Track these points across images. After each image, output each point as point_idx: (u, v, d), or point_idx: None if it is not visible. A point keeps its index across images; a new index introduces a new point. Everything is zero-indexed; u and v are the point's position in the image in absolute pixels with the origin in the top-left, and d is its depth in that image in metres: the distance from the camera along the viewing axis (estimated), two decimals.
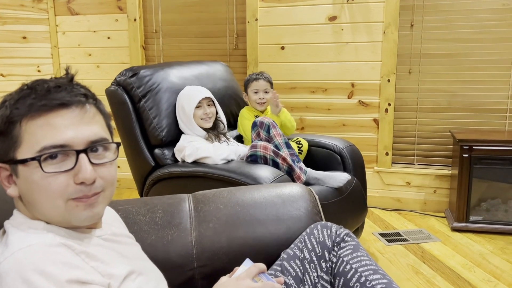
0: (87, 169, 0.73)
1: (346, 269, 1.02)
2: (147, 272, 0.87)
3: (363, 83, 2.96)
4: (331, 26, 2.95)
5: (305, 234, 1.10)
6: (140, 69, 2.09)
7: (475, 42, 2.79)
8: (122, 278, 0.78)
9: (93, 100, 0.80)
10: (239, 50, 3.20)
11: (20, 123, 0.73)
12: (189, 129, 2.05)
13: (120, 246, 0.86)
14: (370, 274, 0.99)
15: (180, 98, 2.09)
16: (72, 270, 0.68)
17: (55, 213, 0.75)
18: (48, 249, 0.69)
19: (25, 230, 0.75)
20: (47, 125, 0.73)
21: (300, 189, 1.26)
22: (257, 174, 1.76)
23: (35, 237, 0.72)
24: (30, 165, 0.73)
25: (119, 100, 2.05)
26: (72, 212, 0.75)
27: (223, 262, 1.10)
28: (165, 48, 3.36)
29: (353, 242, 1.07)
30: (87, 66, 3.47)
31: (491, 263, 2.20)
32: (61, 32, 3.48)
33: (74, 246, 0.73)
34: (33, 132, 0.73)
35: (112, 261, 0.79)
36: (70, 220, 0.76)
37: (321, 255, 1.06)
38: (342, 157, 2.25)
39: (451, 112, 2.89)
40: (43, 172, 0.72)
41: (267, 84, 2.41)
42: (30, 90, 0.75)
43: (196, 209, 1.17)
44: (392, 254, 2.31)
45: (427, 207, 2.96)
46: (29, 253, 0.68)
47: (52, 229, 0.76)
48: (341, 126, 3.04)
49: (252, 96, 2.40)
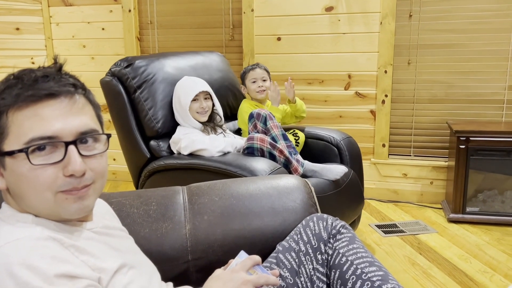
0: (76, 161, 0.72)
1: (342, 262, 1.01)
2: (139, 266, 0.86)
3: (360, 74, 2.94)
4: (328, 17, 2.92)
5: (301, 226, 1.09)
6: (135, 59, 2.06)
7: (473, 33, 2.77)
8: (113, 272, 0.76)
9: (82, 90, 0.78)
10: (235, 41, 3.17)
11: (6, 114, 0.71)
12: (184, 121, 2.03)
13: (112, 239, 0.85)
14: (366, 266, 0.99)
15: (177, 89, 2.06)
16: (61, 264, 0.67)
17: (44, 206, 0.73)
18: (36, 242, 0.68)
19: (13, 223, 0.73)
20: (35, 116, 0.71)
21: (296, 181, 1.24)
22: (254, 166, 1.74)
23: (23, 231, 0.70)
24: (18, 157, 0.71)
25: (114, 91, 2.02)
26: (61, 205, 0.73)
27: (218, 255, 1.09)
28: (161, 40, 3.32)
29: (349, 234, 1.06)
30: (81, 58, 3.43)
31: (487, 254, 2.20)
32: (55, 24, 3.44)
33: (63, 239, 0.72)
34: (20, 123, 0.70)
35: (103, 255, 0.77)
36: (59, 213, 0.74)
37: (317, 247, 1.05)
38: (339, 149, 2.24)
39: (448, 103, 2.88)
40: (30, 164, 0.70)
41: (264, 72, 2.40)
42: (16, 80, 0.73)
43: (190, 201, 1.15)
44: (389, 246, 2.31)
45: (424, 199, 2.96)
46: (16, 247, 0.66)
47: (41, 222, 0.74)
48: (338, 117, 3.02)
49: (251, 86, 2.38)
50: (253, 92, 2.38)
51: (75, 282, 0.67)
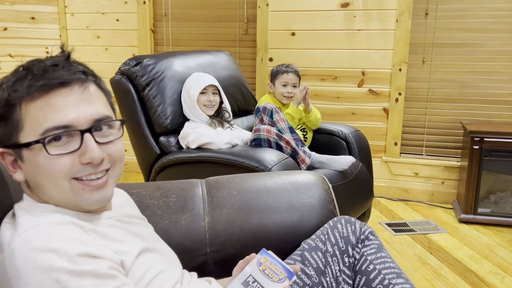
0: (93, 149, 0.71)
1: (369, 269, 1.01)
2: (161, 251, 0.87)
3: (374, 72, 2.93)
4: (343, 13, 2.91)
5: (328, 227, 1.09)
6: (144, 58, 2.09)
7: (489, 32, 2.74)
8: (136, 254, 0.76)
9: (93, 77, 0.77)
10: (249, 36, 3.17)
11: (19, 106, 0.70)
12: (192, 114, 2.05)
13: (132, 227, 0.85)
14: (394, 278, 0.98)
15: (187, 83, 2.10)
16: (82, 245, 0.67)
17: (62, 196, 0.73)
18: (56, 227, 0.68)
19: (33, 212, 0.73)
20: (48, 106, 0.70)
21: (314, 177, 1.25)
22: (261, 157, 1.75)
23: (43, 218, 0.71)
24: (34, 148, 0.70)
25: (123, 89, 2.05)
26: (80, 196, 0.73)
27: (236, 248, 1.10)
28: (174, 32, 3.32)
29: (377, 241, 1.06)
30: (95, 49, 3.45)
31: (498, 256, 2.19)
32: (70, 14, 3.45)
33: (84, 224, 0.72)
34: (34, 114, 0.70)
35: (124, 239, 0.78)
36: (78, 204, 0.74)
37: (345, 250, 1.04)
38: (347, 143, 2.24)
39: (462, 103, 2.86)
40: (48, 154, 0.70)
41: (297, 78, 2.35)
42: (26, 71, 0.72)
43: (209, 194, 1.16)
44: (399, 244, 2.31)
45: (435, 198, 2.95)
46: (37, 233, 0.66)
47: (60, 211, 0.74)
48: (350, 114, 3.01)
49: (280, 89, 2.33)
50: (280, 95, 2.33)
51: (98, 261, 0.67)
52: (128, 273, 0.74)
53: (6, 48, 3.32)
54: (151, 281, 0.78)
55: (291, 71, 2.34)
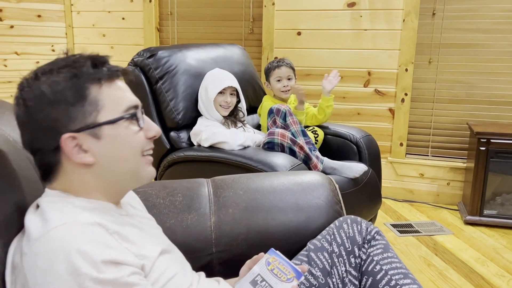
0: (155, 125, 0.82)
1: (376, 270, 1.01)
2: (174, 254, 0.88)
3: (380, 72, 2.91)
4: (350, 12, 2.90)
5: (334, 227, 1.08)
6: (158, 50, 2.07)
7: (496, 33, 2.72)
8: (155, 259, 0.78)
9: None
10: (255, 35, 3.16)
11: (100, 87, 0.76)
12: (207, 111, 2.03)
13: (146, 228, 0.86)
14: (401, 278, 0.98)
15: (206, 79, 2.06)
16: (107, 250, 0.68)
17: (134, 170, 0.79)
18: (83, 228, 0.69)
19: (61, 208, 0.73)
20: (119, 89, 0.79)
21: (320, 177, 1.24)
22: (274, 162, 1.74)
23: (70, 216, 0.71)
24: (119, 124, 0.76)
25: (136, 81, 2.03)
26: (145, 168, 0.81)
27: (242, 248, 1.09)
28: (180, 31, 3.32)
29: (383, 241, 1.06)
30: (101, 47, 3.45)
31: (504, 258, 2.18)
32: (76, 12, 3.46)
33: (108, 225, 0.72)
34: (112, 95, 0.77)
35: (143, 242, 0.78)
36: (142, 176, 0.81)
37: (351, 250, 1.04)
38: (358, 147, 2.22)
39: (468, 104, 2.84)
40: (134, 128, 0.78)
41: (290, 70, 2.32)
42: (87, 59, 0.77)
43: (215, 194, 1.16)
44: (404, 245, 2.30)
45: (440, 199, 2.94)
46: (65, 231, 0.67)
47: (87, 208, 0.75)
48: (356, 115, 3.00)
49: (276, 85, 2.30)
50: (277, 91, 2.31)
51: (120, 269, 0.67)
52: (147, 276, 0.75)
53: (13, 46, 3.33)
54: (166, 283, 0.79)
55: (282, 65, 2.30)
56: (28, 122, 0.74)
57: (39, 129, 0.74)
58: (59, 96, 0.73)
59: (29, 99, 0.73)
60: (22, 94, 0.74)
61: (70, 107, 0.73)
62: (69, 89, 0.73)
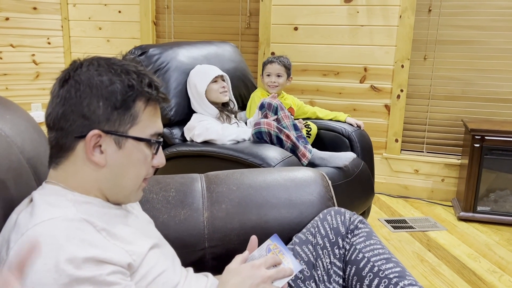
0: (163, 156, 0.85)
1: (359, 258, 1.01)
2: (165, 249, 0.89)
3: (376, 68, 2.92)
4: (347, 8, 2.89)
5: (318, 219, 1.09)
6: (149, 47, 2.08)
7: (493, 30, 2.73)
8: (145, 254, 0.78)
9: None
10: (251, 29, 3.15)
11: (146, 105, 0.79)
12: (201, 107, 2.04)
13: (139, 223, 0.87)
14: (383, 264, 0.99)
15: (192, 76, 2.08)
16: (89, 248, 0.68)
17: (131, 189, 0.81)
18: (68, 224, 0.69)
19: (51, 202, 0.74)
20: (156, 114, 0.83)
21: (313, 173, 1.24)
22: (265, 154, 1.75)
23: (58, 211, 0.71)
24: (142, 144, 0.79)
25: None
26: (137, 191, 0.83)
27: (235, 243, 1.10)
28: (176, 25, 3.31)
29: (366, 229, 1.06)
30: (97, 40, 3.44)
31: (496, 254, 2.20)
32: (72, 4, 3.43)
33: (96, 222, 0.73)
34: (149, 116, 0.80)
35: (134, 238, 0.79)
36: (131, 197, 0.83)
37: (335, 242, 1.05)
38: (350, 141, 2.24)
39: (464, 101, 2.85)
40: (148, 152, 0.80)
41: (281, 68, 2.37)
42: (146, 76, 0.80)
43: (208, 189, 1.16)
44: (398, 241, 2.31)
45: (434, 196, 2.95)
46: (50, 227, 0.68)
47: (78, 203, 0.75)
48: (352, 110, 3.01)
49: (265, 79, 2.39)
50: (265, 84, 2.40)
51: (100, 267, 0.68)
52: (136, 271, 0.76)
53: (8, 38, 3.31)
54: (155, 279, 0.80)
55: (275, 61, 2.38)
56: (68, 101, 0.75)
57: (76, 112, 0.75)
58: (111, 96, 0.76)
59: (83, 83, 0.75)
60: (78, 74, 0.76)
61: (114, 109, 0.76)
62: (122, 94, 0.76)
